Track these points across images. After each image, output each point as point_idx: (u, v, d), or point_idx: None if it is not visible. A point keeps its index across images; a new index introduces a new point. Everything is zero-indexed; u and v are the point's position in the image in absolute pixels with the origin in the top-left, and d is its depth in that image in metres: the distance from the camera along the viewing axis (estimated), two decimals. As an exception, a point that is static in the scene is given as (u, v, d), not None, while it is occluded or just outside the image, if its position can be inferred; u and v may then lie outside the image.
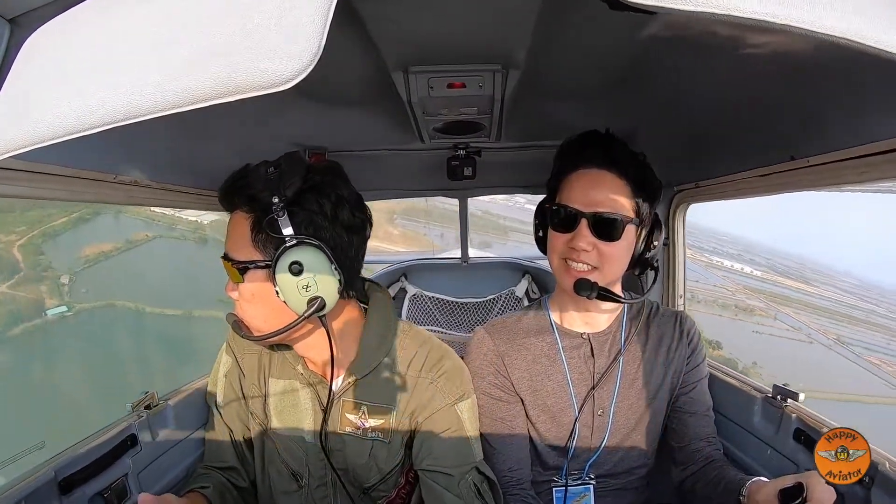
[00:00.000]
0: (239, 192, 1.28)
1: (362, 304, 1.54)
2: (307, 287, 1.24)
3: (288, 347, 1.49)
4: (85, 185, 1.31)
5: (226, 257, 1.31)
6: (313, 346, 1.44)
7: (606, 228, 1.45)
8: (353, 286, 1.40)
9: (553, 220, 1.54)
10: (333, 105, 1.62)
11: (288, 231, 1.22)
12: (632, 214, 1.47)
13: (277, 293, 1.24)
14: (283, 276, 1.22)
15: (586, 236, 1.45)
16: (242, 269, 1.28)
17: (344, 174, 1.37)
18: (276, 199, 1.21)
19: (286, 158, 1.29)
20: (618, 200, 1.46)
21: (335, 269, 1.26)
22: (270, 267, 1.23)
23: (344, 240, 1.32)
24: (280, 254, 1.21)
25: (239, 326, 1.36)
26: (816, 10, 0.52)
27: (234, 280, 1.32)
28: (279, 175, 1.24)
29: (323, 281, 1.25)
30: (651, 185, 1.51)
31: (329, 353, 1.39)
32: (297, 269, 1.22)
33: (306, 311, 1.24)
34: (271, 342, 1.38)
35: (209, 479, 1.54)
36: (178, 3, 0.69)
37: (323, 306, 1.26)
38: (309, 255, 1.23)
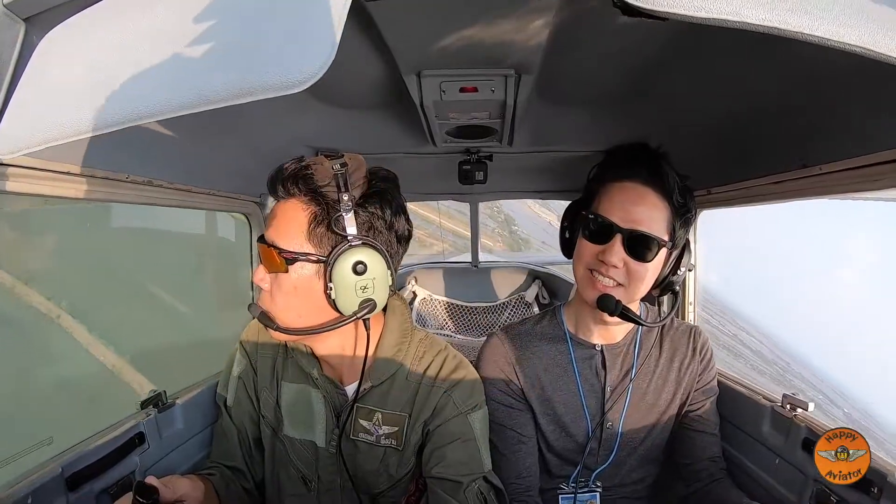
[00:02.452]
0: (303, 181, 1.26)
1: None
2: (365, 288, 1.25)
3: (302, 350, 1.49)
4: (97, 184, 1.32)
5: (270, 244, 1.28)
6: (335, 350, 1.44)
7: (641, 248, 1.42)
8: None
9: (586, 228, 1.51)
10: (346, 108, 1.63)
11: (352, 230, 1.23)
12: (667, 237, 1.45)
13: (330, 290, 1.24)
14: (343, 274, 1.23)
15: (618, 252, 1.42)
16: (291, 259, 1.26)
17: (398, 185, 1.38)
18: (345, 197, 1.22)
19: (350, 158, 1.30)
20: (657, 221, 1.43)
21: (391, 274, 1.29)
22: (325, 262, 1.24)
23: (394, 248, 1.34)
24: (343, 251, 1.23)
25: (268, 318, 1.33)
26: (827, 20, 0.51)
27: (274, 269, 1.29)
28: (346, 173, 1.25)
29: (380, 284, 1.27)
30: (690, 211, 1.48)
31: (349, 358, 1.42)
32: (362, 268, 1.23)
33: (358, 313, 1.26)
34: (296, 339, 1.39)
35: (216, 470, 1.54)
36: (192, 5, 0.69)
37: (373, 309, 1.28)
38: (371, 258, 1.25)
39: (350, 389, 1.47)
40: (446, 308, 3.99)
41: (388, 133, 1.89)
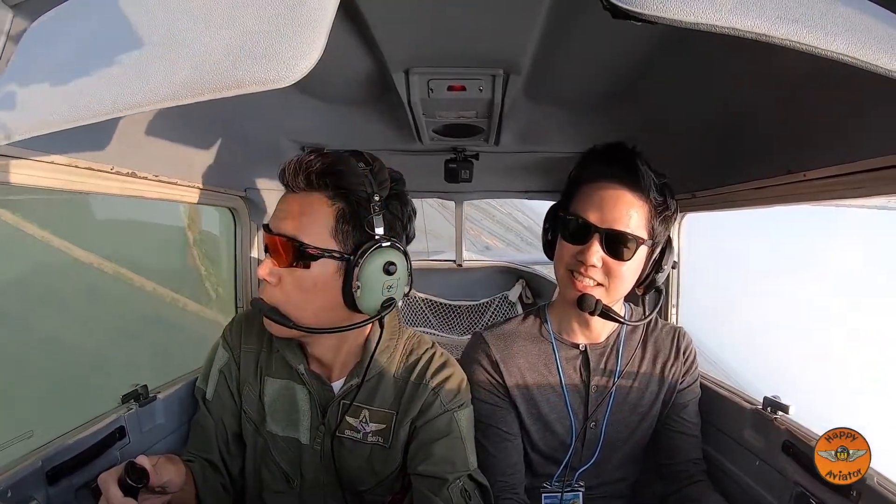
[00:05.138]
0: (332, 177, 1.25)
1: None
2: (390, 287, 1.27)
3: (291, 346, 1.47)
4: (81, 175, 1.30)
5: (292, 238, 1.25)
6: (330, 347, 1.44)
7: (619, 247, 1.43)
8: None
9: (564, 229, 1.51)
10: (333, 103, 1.62)
11: (379, 230, 1.25)
12: (646, 236, 1.45)
13: (357, 288, 1.25)
14: (373, 274, 1.24)
15: (597, 252, 1.43)
16: (317, 255, 1.24)
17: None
18: (377, 197, 1.24)
19: (372, 158, 1.30)
20: (634, 219, 1.43)
21: (410, 275, 1.32)
22: (349, 260, 1.24)
23: (406, 250, 1.35)
24: (373, 250, 1.24)
25: (280, 314, 1.29)
26: (815, 28, 0.52)
27: (289, 264, 1.26)
28: (372, 172, 1.26)
29: (401, 284, 1.30)
30: (669, 208, 1.48)
31: (342, 355, 1.44)
32: (393, 269, 1.25)
33: (380, 312, 1.28)
34: (298, 335, 1.37)
35: (194, 458, 1.51)
36: None
37: (393, 308, 1.30)
38: (397, 258, 1.26)
39: (337, 386, 1.46)
40: (429, 306, 3.99)
41: (374, 129, 1.88)
